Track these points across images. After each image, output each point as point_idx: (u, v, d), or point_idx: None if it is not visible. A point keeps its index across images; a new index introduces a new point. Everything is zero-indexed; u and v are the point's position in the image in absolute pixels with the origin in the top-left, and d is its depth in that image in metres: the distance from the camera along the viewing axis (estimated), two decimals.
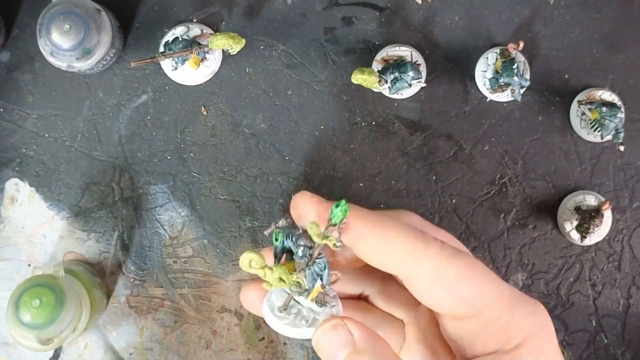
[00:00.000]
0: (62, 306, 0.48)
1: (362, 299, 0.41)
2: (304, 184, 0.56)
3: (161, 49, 0.54)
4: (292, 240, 0.34)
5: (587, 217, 0.53)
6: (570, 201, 0.54)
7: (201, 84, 0.56)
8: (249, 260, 0.33)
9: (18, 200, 0.56)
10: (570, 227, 0.54)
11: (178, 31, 0.54)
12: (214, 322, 0.57)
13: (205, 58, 0.54)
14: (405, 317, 0.40)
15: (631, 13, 0.55)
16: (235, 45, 0.49)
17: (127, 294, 0.56)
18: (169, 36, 0.54)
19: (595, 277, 0.56)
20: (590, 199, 0.54)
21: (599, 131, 0.53)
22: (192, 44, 0.53)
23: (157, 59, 0.52)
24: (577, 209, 0.54)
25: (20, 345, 0.50)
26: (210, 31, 0.55)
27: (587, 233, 0.53)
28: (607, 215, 0.54)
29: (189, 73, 0.54)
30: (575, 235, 0.54)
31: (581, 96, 0.55)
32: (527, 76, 0.54)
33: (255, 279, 0.35)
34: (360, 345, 0.33)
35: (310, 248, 0.33)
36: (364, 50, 0.56)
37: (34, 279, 0.49)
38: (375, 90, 0.54)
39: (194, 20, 0.56)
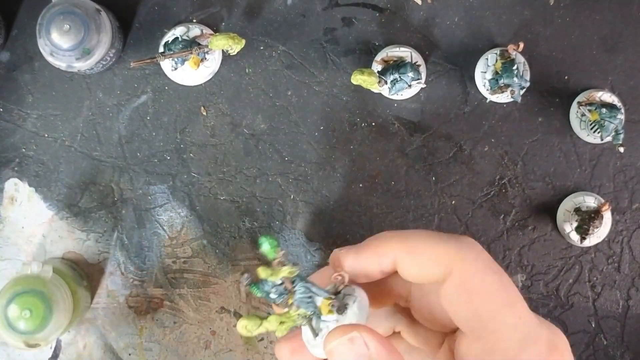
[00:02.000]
0: (51, 314, 0.49)
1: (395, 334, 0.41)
2: (303, 184, 0.56)
3: (161, 49, 0.54)
4: (266, 288, 0.34)
5: (587, 219, 0.53)
6: (570, 202, 0.54)
7: (201, 85, 0.56)
8: (244, 328, 0.34)
9: (17, 200, 0.56)
10: (569, 228, 0.54)
11: (178, 31, 0.54)
12: (213, 322, 0.57)
13: (205, 58, 0.54)
14: (431, 352, 0.40)
15: (631, 14, 0.55)
16: (235, 46, 0.49)
17: (126, 294, 0.56)
18: (169, 36, 0.54)
19: (595, 278, 0.56)
20: (590, 200, 0.54)
21: (598, 132, 0.53)
22: (191, 44, 0.53)
23: (156, 60, 0.52)
24: (577, 210, 0.54)
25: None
26: (210, 31, 0.55)
27: (586, 234, 0.53)
28: (607, 216, 0.53)
29: (189, 73, 0.54)
30: (574, 237, 0.54)
31: (581, 97, 0.55)
32: (527, 77, 0.54)
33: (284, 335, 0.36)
34: (376, 358, 0.33)
35: (280, 285, 0.33)
36: (363, 51, 0.56)
37: (22, 282, 0.49)
38: (375, 91, 0.54)
39: (194, 21, 0.56)
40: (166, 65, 0.54)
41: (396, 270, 0.37)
